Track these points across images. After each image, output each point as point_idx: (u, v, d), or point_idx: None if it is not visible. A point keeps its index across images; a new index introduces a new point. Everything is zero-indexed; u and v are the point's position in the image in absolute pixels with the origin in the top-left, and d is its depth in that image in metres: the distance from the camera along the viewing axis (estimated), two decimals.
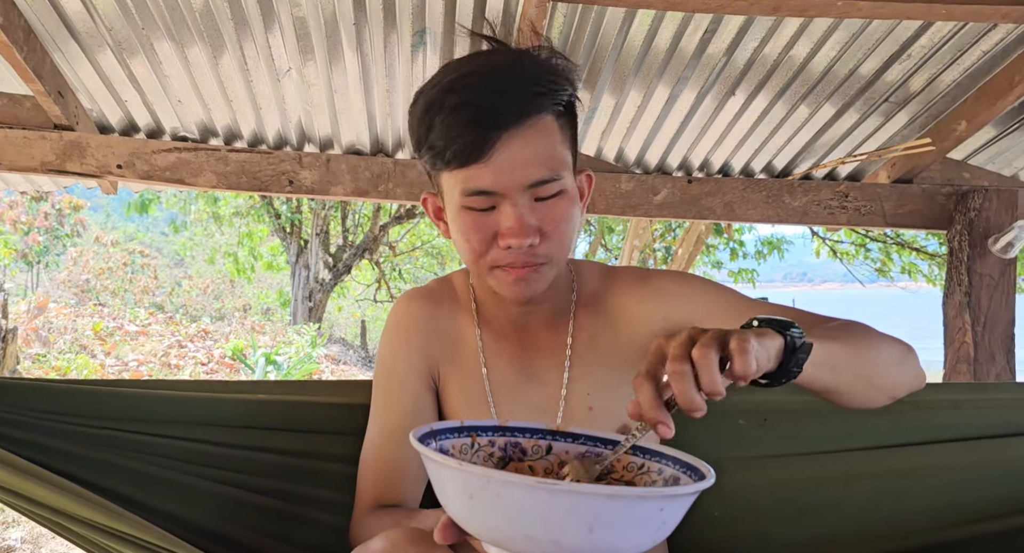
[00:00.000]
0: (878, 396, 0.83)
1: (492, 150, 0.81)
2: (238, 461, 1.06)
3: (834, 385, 0.77)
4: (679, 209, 2.65)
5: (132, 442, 1.02)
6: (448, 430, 0.70)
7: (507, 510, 0.56)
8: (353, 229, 10.49)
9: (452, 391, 0.97)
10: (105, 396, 1.03)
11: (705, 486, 0.59)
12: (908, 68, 2.26)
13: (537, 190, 0.84)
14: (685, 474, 0.65)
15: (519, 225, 0.83)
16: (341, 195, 2.51)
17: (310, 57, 2.30)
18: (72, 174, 2.27)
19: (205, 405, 1.07)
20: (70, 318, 7.03)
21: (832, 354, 0.75)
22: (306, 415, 1.10)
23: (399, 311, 1.00)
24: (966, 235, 2.43)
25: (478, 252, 0.86)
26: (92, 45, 2.21)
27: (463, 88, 0.81)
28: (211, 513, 1.02)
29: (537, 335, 0.97)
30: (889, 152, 2.44)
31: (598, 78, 2.41)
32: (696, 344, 0.61)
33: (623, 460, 0.70)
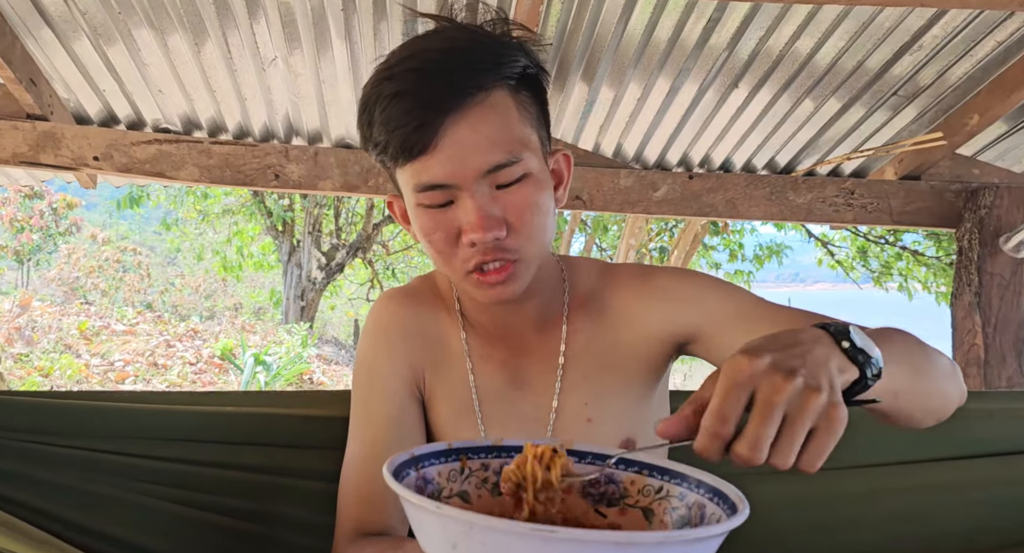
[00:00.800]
0: (928, 418, 0.74)
1: (437, 137, 0.72)
2: (203, 480, 0.96)
3: (892, 411, 0.68)
4: (680, 206, 2.57)
5: (82, 460, 0.92)
6: (433, 454, 0.60)
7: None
8: (346, 227, 10.38)
9: (437, 399, 0.88)
10: (50, 409, 0.93)
11: (736, 523, 0.50)
12: (918, 60, 2.18)
13: (496, 176, 0.74)
14: (712, 501, 0.56)
15: (480, 218, 0.74)
16: (329, 190, 2.41)
17: (297, 46, 2.21)
18: (46, 166, 2.17)
19: (166, 418, 0.98)
20: (55, 317, 6.90)
21: (895, 380, 0.64)
22: (278, 428, 1.01)
23: (379, 312, 0.91)
24: (976, 234, 2.35)
25: (445, 254, 0.78)
26: (67, 31, 2.11)
27: (399, 74, 0.73)
28: (173, 538, 0.93)
29: (526, 339, 0.88)
30: (897, 147, 2.36)
31: (596, 70, 2.32)
32: (787, 424, 0.52)
33: (638, 482, 0.61)
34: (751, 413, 0.52)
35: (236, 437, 0.99)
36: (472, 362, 0.88)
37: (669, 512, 0.59)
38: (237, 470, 0.98)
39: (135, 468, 0.94)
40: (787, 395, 0.52)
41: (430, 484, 0.60)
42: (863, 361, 0.58)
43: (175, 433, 0.97)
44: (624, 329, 0.87)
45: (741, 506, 0.52)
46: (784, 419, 0.52)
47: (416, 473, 0.58)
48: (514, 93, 0.76)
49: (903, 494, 1.01)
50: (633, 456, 0.61)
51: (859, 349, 0.58)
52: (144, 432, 0.96)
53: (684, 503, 0.59)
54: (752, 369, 0.53)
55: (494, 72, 0.74)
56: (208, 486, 0.96)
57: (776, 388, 0.52)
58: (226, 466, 0.98)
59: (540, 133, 0.80)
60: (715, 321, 0.83)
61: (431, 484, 0.60)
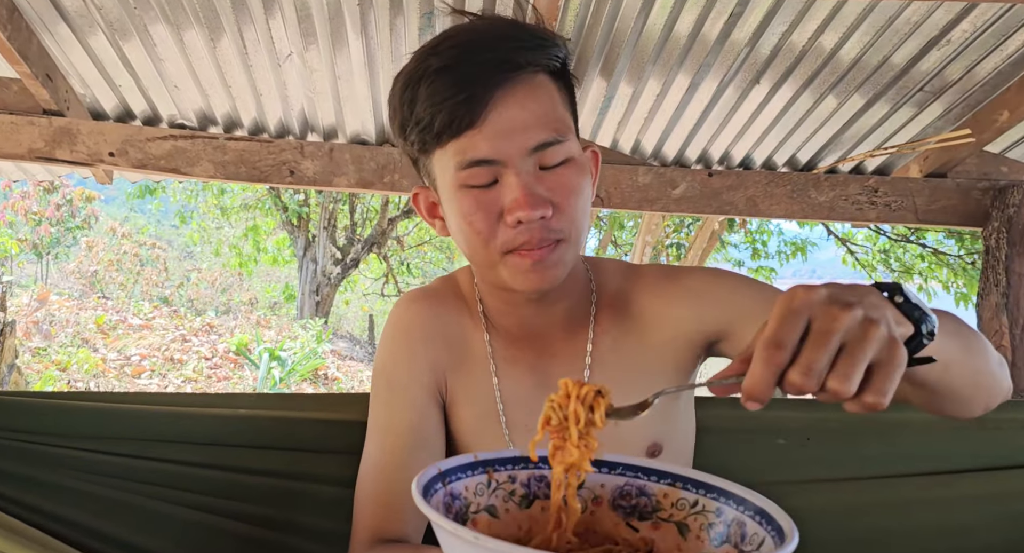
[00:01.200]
0: (976, 403, 0.70)
1: (485, 112, 0.71)
2: (215, 484, 0.94)
3: (941, 385, 0.64)
4: (699, 203, 2.53)
5: (93, 463, 0.91)
6: (459, 468, 0.58)
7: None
8: (361, 223, 10.40)
9: (460, 404, 0.86)
10: (59, 410, 0.92)
11: (789, 551, 0.46)
12: (946, 55, 2.12)
13: (541, 155, 0.73)
14: (753, 519, 0.53)
15: (526, 195, 0.72)
16: (344, 186, 2.40)
17: (312, 41, 2.19)
18: (62, 162, 2.17)
19: (176, 420, 0.96)
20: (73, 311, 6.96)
21: (947, 351, 0.62)
22: (293, 432, 0.99)
23: (400, 314, 0.89)
24: (1004, 233, 2.29)
25: (484, 236, 0.75)
26: (83, 26, 2.10)
27: (445, 51, 0.72)
28: (183, 544, 0.91)
29: (553, 340, 0.85)
30: (923, 144, 2.31)
31: (615, 66, 2.28)
32: (845, 352, 0.49)
33: (671, 495, 0.58)
34: (806, 341, 0.49)
35: (250, 441, 0.97)
36: (496, 365, 0.85)
37: (706, 529, 0.56)
38: (250, 474, 0.96)
39: (145, 471, 0.93)
40: (846, 323, 0.49)
41: (458, 500, 0.57)
42: (918, 317, 0.55)
43: (186, 436, 0.95)
44: (652, 331, 0.85)
45: (791, 535, 0.48)
46: (842, 348, 0.49)
47: (444, 489, 0.56)
48: (554, 78, 0.76)
49: (938, 505, 0.98)
50: (671, 390, 0.56)
51: (913, 305, 0.55)
52: (154, 435, 0.94)
53: (722, 520, 0.56)
54: (809, 297, 0.50)
55: (541, 52, 0.74)
56: (220, 490, 0.94)
57: (834, 316, 0.49)
58: (239, 470, 0.96)
59: (575, 124, 0.79)
60: (746, 318, 0.80)
61: (459, 500, 0.57)
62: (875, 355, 0.49)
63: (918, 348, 0.55)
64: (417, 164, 0.81)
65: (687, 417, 0.90)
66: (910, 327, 0.54)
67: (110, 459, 0.92)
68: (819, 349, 0.48)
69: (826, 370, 0.49)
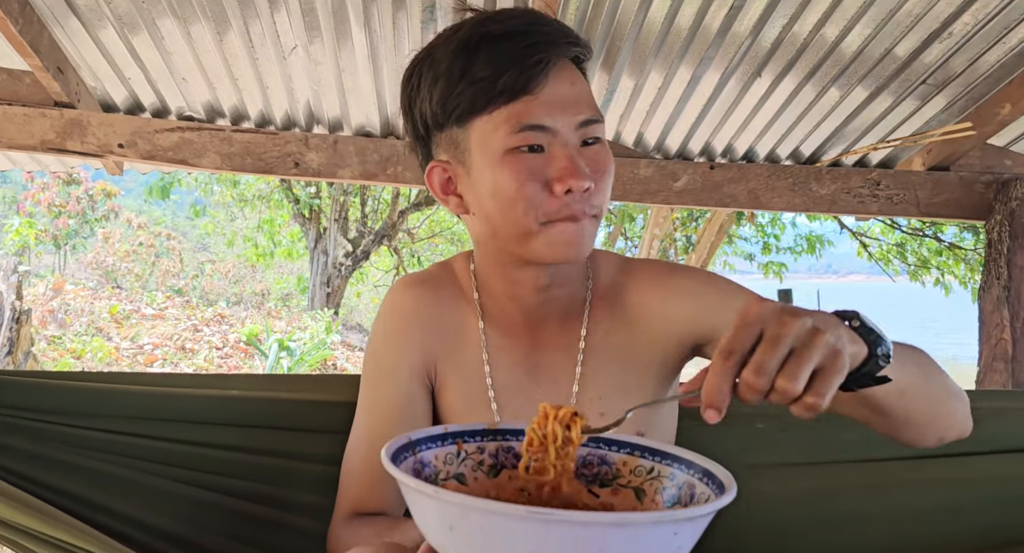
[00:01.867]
0: (932, 433, 0.74)
1: (546, 78, 0.75)
2: (211, 461, 0.98)
3: (894, 411, 0.68)
4: (700, 196, 2.54)
5: (93, 440, 0.94)
6: (430, 438, 0.61)
7: (494, 543, 0.48)
8: (372, 215, 10.46)
9: (450, 390, 0.88)
10: (64, 390, 0.96)
11: (726, 501, 0.51)
12: (948, 47, 2.12)
13: (585, 130, 0.77)
14: (702, 481, 0.57)
15: (578, 165, 0.74)
16: (348, 178, 2.43)
17: (317, 34, 2.22)
18: (73, 153, 2.22)
19: (174, 401, 1.00)
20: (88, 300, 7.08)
21: (904, 378, 0.66)
22: (286, 412, 1.02)
23: (395, 298, 0.90)
24: (1006, 226, 2.29)
25: (529, 202, 0.75)
26: (93, 20, 2.14)
27: (503, 19, 0.76)
28: (181, 518, 0.95)
29: (548, 330, 0.87)
30: (926, 137, 2.30)
31: (616, 58, 2.30)
32: (794, 356, 0.53)
33: (630, 463, 0.62)
34: (758, 346, 0.54)
35: (246, 420, 1.01)
36: (489, 353, 0.87)
37: (660, 492, 0.60)
38: (246, 453, 1.00)
39: (146, 449, 0.96)
40: (794, 330, 0.53)
41: (427, 467, 0.60)
42: (873, 340, 0.59)
43: (185, 415, 0.99)
44: (644, 326, 0.86)
45: (729, 486, 0.53)
46: (791, 353, 0.53)
47: (413, 457, 0.59)
48: (585, 73, 0.81)
49: (911, 489, 1.00)
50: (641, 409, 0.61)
51: (869, 328, 0.59)
52: (155, 414, 0.98)
53: (674, 483, 0.59)
54: (761, 309, 0.54)
55: (578, 40, 0.78)
56: (217, 468, 0.98)
57: (783, 323, 0.53)
58: (235, 449, 1.00)
59: None
60: None
61: (428, 467, 0.60)
62: (820, 360, 0.53)
63: (874, 368, 0.59)
64: (430, 139, 0.81)
65: (673, 411, 0.93)
66: (864, 347, 0.59)
67: (112, 437, 0.96)
68: (770, 351, 0.53)
69: (776, 370, 0.53)
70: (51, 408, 0.94)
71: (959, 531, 0.98)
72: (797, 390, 0.52)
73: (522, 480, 0.61)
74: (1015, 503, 0.99)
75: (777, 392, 0.53)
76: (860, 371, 0.59)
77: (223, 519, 0.96)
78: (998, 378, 2.27)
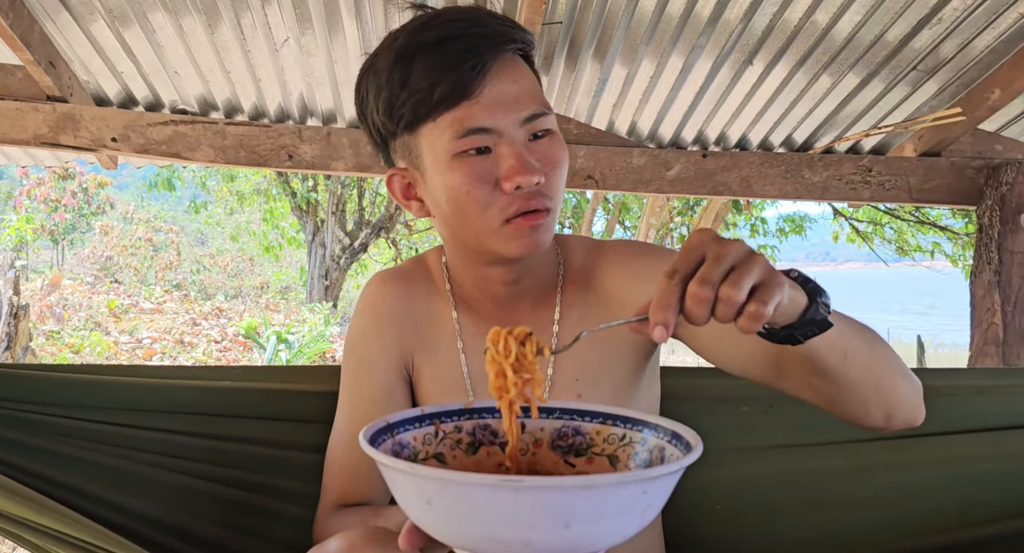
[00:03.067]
0: (877, 408, 0.75)
1: (484, 81, 0.75)
2: (202, 451, 1.00)
3: (838, 374, 0.70)
4: (693, 185, 2.55)
5: (89, 431, 0.96)
6: (407, 421, 0.63)
7: (470, 513, 0.49)
8: (370, 207, 10.45)
9: (427, 379, 0.89)
10: (57, 383, 0.98)
11: (692, 459, 0.52)
12: (939, 33, 2.13)
13: (532, 125, 0.77)
14: (671, 443, 0.59)
15: (524, 162, 0.76)
16: (342, 170, 2.44)
17: (308, 26, 2.22)
18: (66, 147, 2.22)
19: (167, 392, 1.01)
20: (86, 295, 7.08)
21: (847, 339, 0.69)
22: (276, 403, 1.04)
23: (370, 293, 0.92)
24: (997, 211, 2.30)
25: (482, 204, 0.77)
26: (84, 14, 2.14)
27: (439, 25, 0.75)
28: (174, 506, 0.97)
29: (520, 316, 0.88)
30: (916, 123, 2.31)
31: (608, 48, 2.30)
32: (735, 270, 0.56)
33: (603, 432, 0.64)
34: (702, 266, 0.57)
35: (235, 411, 1.02)
36: (463, 341, 0.88)
37: (633, 457, 0.62)
38: (235, 442, 1.02)
39: (139, 439, 0.98)
40: (734, 251, 0.56)
41: (406, 449, 0.62)
42: (811, 288, 0.62)
43: (178, 406, 1.01)
44: (616, 307, 0.88)
45: (696, 445, 0.55)
46: (732, 269, 0.56)
47: (392, 439, 0.61)
48: (529, 64, 0.81)
49: (895, 470, 1.02)
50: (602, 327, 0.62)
51: (806, 279, 0.62)
52: (149, 405, 1.00)
53: (646, 448, 0.61)
54: (703, 237, 0.58)
55: (520, 32, 0.78)
56: (205, 457, 1.00)
57: (724, 245, 0.57)
58: (225, 438, 1.01)
59: None
60: None
61: (407, 449, 0.62)
62: (760, 275, 0.56)
63: (816, 314, 0.61)
64: (388, 146, 0.83)
65: (651, 390, 0.94)
66: (803, 294, 0.61)
67: (105, 428, 0.97)
68: (712, 265, 0.55)
69: (719, 282, 0.55)
70: (45, 400, 0.96)
71: (942, 509, 1.00)
72: (740, 297, 0.54)
73: (502, 457, 0.63)
74: (996, 480, 1.00)
75: (721, 301, 0.55)
76: (804, 318, 0.61)
77: (215, 507, 0.98)
78: (989, 361, 2.29)
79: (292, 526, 0.98)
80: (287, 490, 1.01)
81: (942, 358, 9.87)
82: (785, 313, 0.60)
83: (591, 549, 0.52)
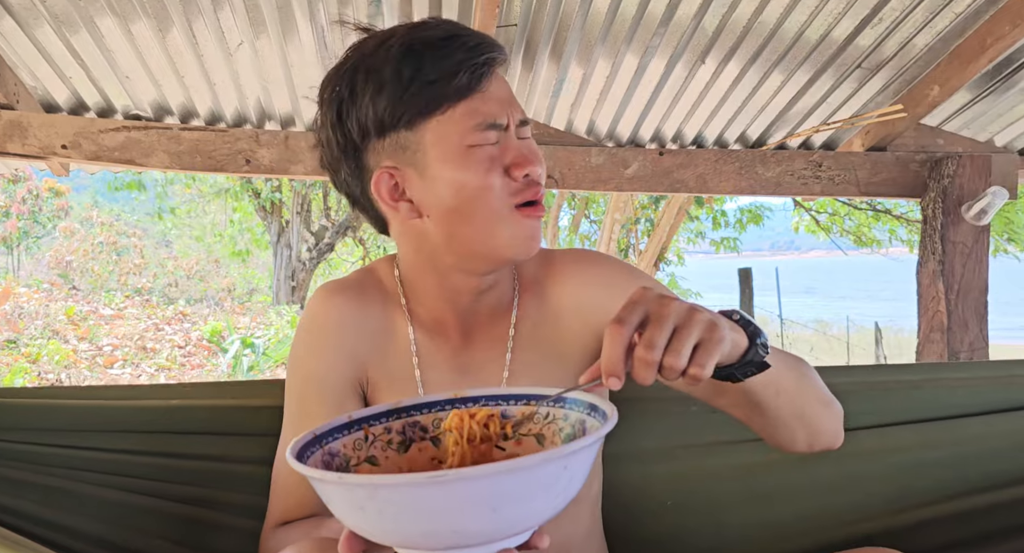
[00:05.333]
0: (802, 436, 0.82)
1: (490, 79, 0.79)
2: (151, 469, 1.00)
3: (770, 408, 0.76)
4: (650, 182, 2.59)
5: (33, 454, 0.96)
6: (335, 429, 0.64)
7: (402, 513, 0.51)
8: (336, 207, 10.37)
9: (381, 394, 0.88)
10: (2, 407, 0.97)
11: (608, 428, 0.55)
12: (880, 32, 2.19)
13: (521, 130, 0.81)
14: (591, 415, 0.62)
15: (533, 151, 0.80)
16: (301, 174, 2.43)
17: (262, 30, 2.20)
18: (14, 155, 2.18)
19: (113, 413, 1.01)
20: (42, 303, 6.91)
21: (781, 375, 0.74)
22: (224, 418, 1.04)
23: (317, 307, 0.88)
24: (940, 203, 2.38)
25: (496, 190, 0.78)
26: (28, 19, 2.10)
27: (441, 25, 0.79)
28: (120, 525, 0.96)
29: (476, 327, 0.88)
30: (862, 119, 2.38)
31: (564, 48, 2.33)
32: (676, 333, 0.60)
33: (528, 414, 0.67)
34: (647, 326, 0.61)
35: (182, 427, 1.03)
36: (419, 355, 0.87)
37: (559, 433, 0.64)
38: (184, 459, 1.02)
39: (85, 460, 0.98)
40: (675, 310, 0.61)
41: (336, 457, 0.63)
42: (752, 330, 0.67)
43: (123, 426, 1.01)
44: (567, 316, 0.89)
45: (611, 414, 0.57)
46: (675, 331, 0.60)
47: (321, 450, 0.62)
48: None
49: (835, 462, 1.05)
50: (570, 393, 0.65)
51: (747, 321, 0.67)
52: (93, 426, 1.00)
53: (568, 422, 0.64)
54: (646, 293, 0.63)
55: (497, 45, 0.81)
56: (156, 475, 1.00)
57: (664, 305, 0.61)
58: (173, 455, 1.02)
59: None
60: None
61: (337, 457, 0.63)
62: (699, 335, 0.61)
63: (756, 356, 0.67)
64: (366, 149, 0.79)
65: (600, 394, 0.96)
66: (743, 336, 0.66)
67: (51, 450, 0.97)
68: (657, 328, 0.60)
69: (664, 346, 0.60)
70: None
71: (879, 497, 1.05)
72: (681, 364, 0.60)
73: (434, 451, 0.66)
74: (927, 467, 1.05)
75: (665, 368, 0.60)
76: (744, 359, 0.66)
77: (165, 522, 0.98)
78: (935, 348, 2.38)
79: (241, 538, 0.99)
80: (237, 503, 1.01)
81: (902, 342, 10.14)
82: (726, 356, 0.65)
83: (522, 528, 0.54)
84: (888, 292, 20.68)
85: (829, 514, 1.05)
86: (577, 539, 0.91)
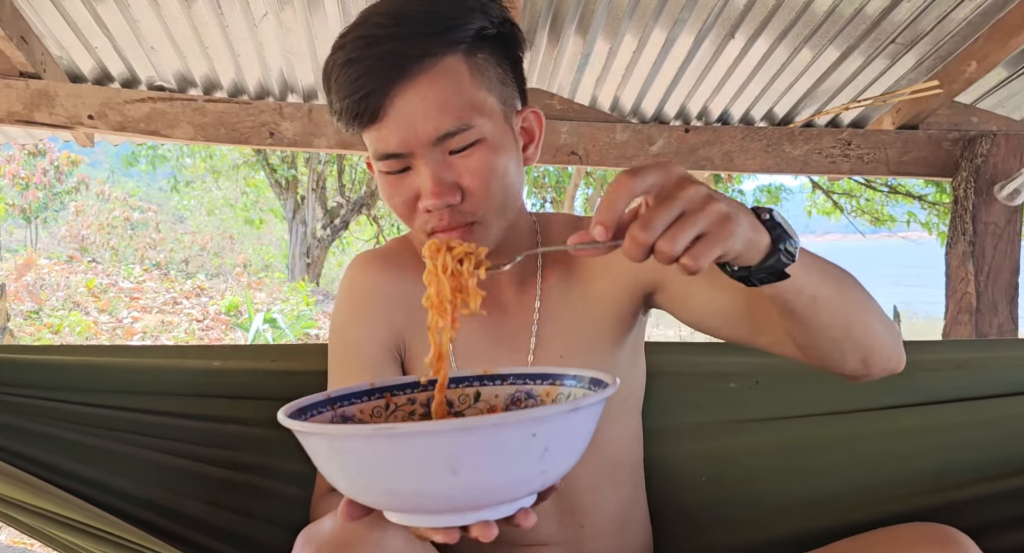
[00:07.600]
0: (853, 353, 0.73)
1: (385, 106, 0.74)
2: (195, 432, 1.01)
3: (808, 317, 0.68)
4: (676, 160, 2.56)
5: (78, 414, 0.97)
6: (353, 394, 0.63)
7: (362, 467, 0.50)
8: (351, 184, 10.36)
9: (417, 360, 0.89)
10: (43, 365, 0.98)
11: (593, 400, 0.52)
12: (917, 6, 2.14)
13: (447, 143, 0.75)
14: (591, 390, 0.60)
15: (433, 184, 0.75)
16: (324, 147, 2.42)
17: (288, 1, 2.18)
18: (41, 125, 2.18)
19: (157, 373, 1.02)
20: (63, 275, 6.98)
21: (815, 282, 0.67)
22: (263, 382, 1.04)
23: (354, 275, 0.91)
24: (972, 182, 2.34)
25: (406, 217, 0.80)
26: None
27: (350, 42, 0.74)
28: (167, 488, 0.97)
29: (504, 295, 0.89)
30: (895, 96, 2.34)
31: (591, 22, 2.29)
32: (680, 219, 0.54)
33: (551, 393, 0.66)
34: (653, 202, 0.55)
35: (225, 391, 1.03)
36: None
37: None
38: (226, 423, 1.02)
39: (125, 421, 0.98)
40: (689, 194, 0.54)
41: (350, 421, 0.63)
42: (778, 234, 0.60)
43: (167, 388, 1.01)
44: (595, 282, 0.89)
45: (611, 383, 0.56)
46: (681, 215, 0.55)
47: (334, 412, 0.61)
48: (468, 57, 0.76)
49: (875, 439, 1.05)
50: None
51: (776, 223, 0.61)
52: (137, 387, 1.00)
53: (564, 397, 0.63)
54: (670, 168, 0.56)
55: (444, 38, 0.74)
56: (197, 438, 1.01)
57: (681, 186, 0.55)
58: (215, 419, 1.02)
59: (503, 93, 0.80)
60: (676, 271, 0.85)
61: (351, 421, 0.63)
62: (705, 226, 0.55)
63: (777, 264, 0.61)
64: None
65: (635, 364, 0.95)
66: (766, 237, 0.60)
67: (95, 410, 0.98)
68: (659, 209, 0.54)
69: (661, 230, 0.54)
70: (31, 383, 0.96)
71: (921, 474, 1.04)
72: (675, 252, 0.54)
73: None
74: (972, 446, 1.04)
75: (657, 252, 0.55)
76: (764, 263, 0.60)
77: (206, 486, 0.99)
78: (963, 330, 2.35)
79: (289, 506, 0.99)
80: (284, 470, 1.01)
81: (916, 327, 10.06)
82: (743, 256, 0.59)
83: (493, 500, 0.51)
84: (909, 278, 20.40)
85: (867, 491, 1.05)
86: (625, 502, 0.92)
